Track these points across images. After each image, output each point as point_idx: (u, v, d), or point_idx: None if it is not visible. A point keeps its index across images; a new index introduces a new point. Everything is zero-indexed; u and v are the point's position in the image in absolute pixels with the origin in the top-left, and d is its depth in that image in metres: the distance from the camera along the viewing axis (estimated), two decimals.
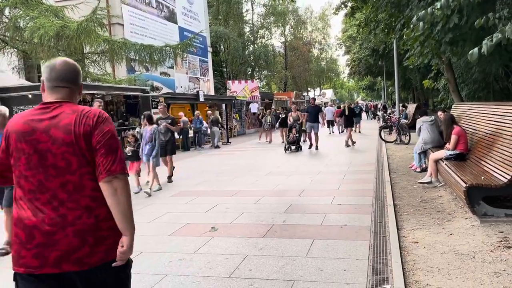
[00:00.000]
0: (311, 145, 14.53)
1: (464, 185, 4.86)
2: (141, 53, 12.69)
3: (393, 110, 24.44)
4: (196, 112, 17.77)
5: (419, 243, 4.36)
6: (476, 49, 3.66)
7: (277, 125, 18.11)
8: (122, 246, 1.92)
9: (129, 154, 8.20)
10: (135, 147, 8.29)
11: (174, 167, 9.43)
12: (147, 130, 8.13)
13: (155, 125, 8.24)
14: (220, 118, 18.69)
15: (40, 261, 1.83)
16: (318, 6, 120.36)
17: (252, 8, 42.62)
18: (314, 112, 14.44)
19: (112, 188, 1.88)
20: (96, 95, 14.02)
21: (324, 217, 5.54)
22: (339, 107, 26.17)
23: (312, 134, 14.51)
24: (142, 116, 8.56)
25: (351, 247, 4.32)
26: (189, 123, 17.28)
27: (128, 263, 2.06)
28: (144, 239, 4.96)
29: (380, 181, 7.86)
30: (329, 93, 70.25)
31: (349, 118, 15.71)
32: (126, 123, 15.06)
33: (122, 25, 18.49)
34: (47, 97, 2.00)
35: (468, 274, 3.48)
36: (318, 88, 69.50)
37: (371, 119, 37.19)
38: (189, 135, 17.20)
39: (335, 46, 64.39)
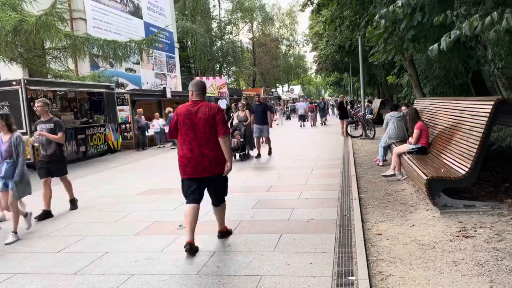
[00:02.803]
0: (258, 154, 11.49)
1: (425, 177, 5.03)
2: (104, 49, 12.37)
3: (358, 105, 24.96)
4: (168, 109, 17.17)
5: (382, 235, 4.48)
6: (435, 45, 3.78)
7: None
8: (227, 167, 4.32)
9: None
10: None
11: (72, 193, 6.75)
12: (1, 140, 5.32)
13: (17, 133, 5.36)
14: None
15: (194, 172, 4.22)
16: (285, 3, 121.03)
17: (219, 3, 42.38)
18: (260, 112, 11.62)
19: (222, 140, 4.24)
20: (58, 92, 13.60)
21: (291, 212, 5.60)
22: (311, 103, 27.10)
23: (262, 139, 12.03)
24: None
25: (318, 240, 4.39)
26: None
27: (227, 176, 4.49)
28: (109, 239, 4.86)
29: (346, 175, 8.01)
30: (297, 89, 70.91)
31: (344, 111, 17.41)
32: (90, 120, 14.68)
33: (85, 20, 17.98)
34: (193, 98, 4.36)
35: (429, 263, 3.60)
36: (287, 84, 70.00)
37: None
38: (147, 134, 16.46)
39: (302, 42, 64.98)
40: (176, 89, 25.83)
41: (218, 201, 4.51)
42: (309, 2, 19.11)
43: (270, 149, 12.06)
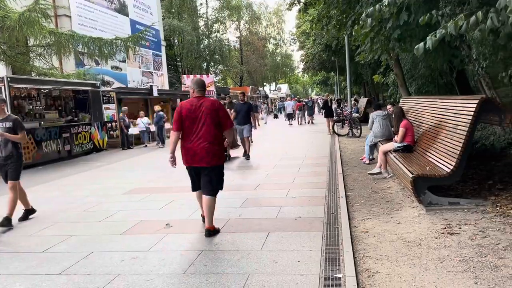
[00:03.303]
0: (244, 152, 11.04)
1: (410, 175, 5.08)
2: (90, 46, 12.19)
3: (345, 104, 25.14)
4: (157, 107, 16.86)
5: (369, 232, 4.51)
6: (421, 44, 3.82)
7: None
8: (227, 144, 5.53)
9: None
10: None
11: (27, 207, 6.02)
12: None
13: None
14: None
15: (192, 161, 4.61)
16: (272, 1, 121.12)
17: (206, 1, 42.20)
18: (243, 111, 11.13)
19: (227, 133, 4.75)
20: (42, 90, 13.38)
21: (279, 210, 5.60)
22: (299, 101, 27.50)
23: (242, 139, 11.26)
24: None
25: (305, 238, 4.40)
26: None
27: (223, 166, 4.84)
28: (95, 239, 4.80)
29: (333, 173, 8.05)
30: (284, 88, 71.04)
31: (329, 109, 17.57)
32: (76, 119, 14.49)
33: (70, 17, 17.71)
34: (195, 95, 4.70)
35: (415, 260, 3.64)
36: (274, 83, 70.07)
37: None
38: (130, 133, 15.99)
39: (289, 41, 65.09)
40: (163, 87, 25.64)
41: (207, 190, 4.66)
42: (296, 1, 19.14)
43: (245, 151, 10.99)
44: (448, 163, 5.10)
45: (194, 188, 4.92)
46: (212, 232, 4.66)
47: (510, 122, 4.80)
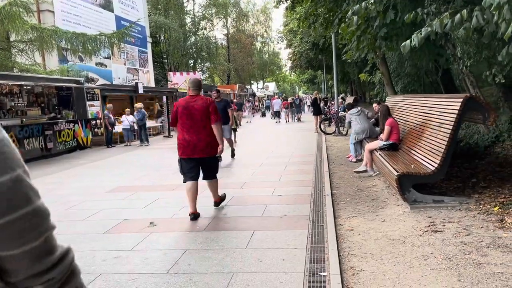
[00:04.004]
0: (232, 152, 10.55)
1: (395, 173, 5.09)
2: (73, 42, 11.97)
3: (332, 103, 25.23)
4: (140, 104, 16.62)
5: (354, 230, 4.51)
6: (408, 42, 3.83)
7: None
8: (219, 148, 5.29)
9: None
10: None
11: None
12: None
13: None
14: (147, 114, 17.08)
15: (192, 152, 5.10)
16: None
17: None
18: (220, 110, 9.87)
19: (215, 126, 5.18)
20: (24, 86, 13.13)
21: (265, 208, 5.57)
22: (285, 99, 27.97)
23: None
24: None
25: (290, 236, 4.37)
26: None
27: (218, 156, 5.56)
28: (77, 238, 4.71)
29: (319, 171, 8.05)
30: (272, 86, 71.04)
31: (317, 107, 17.44)
32: (59, 116, 14.24)
33: (53, 12, 17.37)
34: (191, 93, 5.28)
35: (399, 258, 3.65)
36: (261, 81, 70.04)
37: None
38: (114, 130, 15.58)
39: (277, 39, 65.08)
40: (149, 85, 25.39)
41: (211, 176, 5.50)
42: None
43: (232, 150, 10.62)
44: (433, 161, 5.13)
45: (190, 178, 5.23)
46: (219, 202, 5.72)
47: (494, 121, 4.84)
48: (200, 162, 5.28)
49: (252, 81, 64.34)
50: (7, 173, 0.76)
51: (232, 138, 11.42)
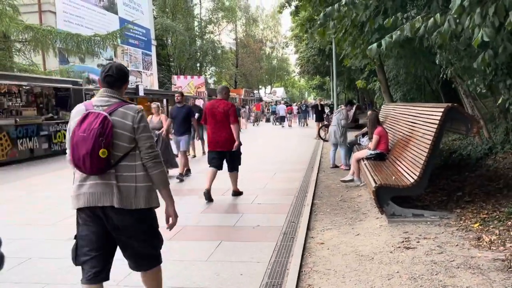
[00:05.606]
0: (180, 173, 8.10)
1: (374, 185, 4.87)
2: (67, 42, 11.91)
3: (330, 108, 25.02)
4: (139, 107, 16.61)
5: (325, 244, 4.29)
6: (374, 45, 3.64)
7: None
8: (236, 144, 6.28)
9: None
10: None
11: None
12: None
13: None
14: None
15: (215, 146, 6.34)
16: (269, 4, 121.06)
17: (200, 1, 41.91)
18: (181, 118, 8.42)
19: (233, 126, 6.22)
20: (22, 86, 13.12)
21: (239, 217, 5.39)
22: (289, 105, 28.56)
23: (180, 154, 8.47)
24: None
25: (257, 249, 4.18)
26: None
27: (239, 151, 6.54)
28: (38, 244, 4.57)
29: (307, 179, 7.84)
30: (280, 92, 70.78)
31: (319, 113, 17.45)
32: (56, 117, 14.19)
33: (55, 13, 17.42)
34: (218, 97, 6.55)
35: (362, 276, 3.43)
36: (269, 86, 69.90)
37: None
38: None
39: (282, 44, 64.89)
40: (152, 87, 25.37)
41: (232, 168, 6.52)
42: (286, 4, 18.94)
43: (181, 169, 8.20)
44: (413, 174, 4.90)
45: (211, 166, 6.39)
46: (236, 193, 6.69)
47: (477, 132, 4.60)
48: (222, 155, 6.35)
49: (260, 86, 64.23)
50: None
51: (192, 151, 10.79)
